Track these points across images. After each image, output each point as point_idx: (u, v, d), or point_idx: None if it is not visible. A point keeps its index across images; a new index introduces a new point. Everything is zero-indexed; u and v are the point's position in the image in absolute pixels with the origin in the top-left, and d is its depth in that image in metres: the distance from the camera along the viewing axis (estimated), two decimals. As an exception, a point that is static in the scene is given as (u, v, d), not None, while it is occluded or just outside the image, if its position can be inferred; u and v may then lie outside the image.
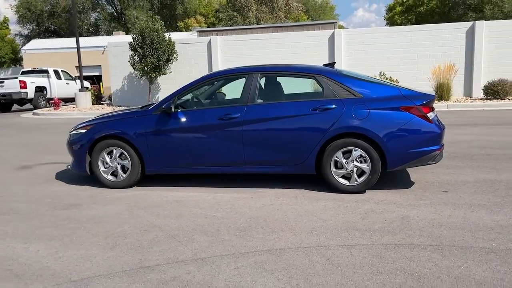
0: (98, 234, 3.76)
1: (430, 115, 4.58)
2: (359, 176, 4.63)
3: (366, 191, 4.71)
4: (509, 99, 14.35)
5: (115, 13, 50.60)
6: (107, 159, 5.15)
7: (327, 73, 4.83)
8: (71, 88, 21.96)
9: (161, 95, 18.11)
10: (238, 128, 4.79)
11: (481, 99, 15.02)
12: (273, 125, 4.73)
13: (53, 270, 3.09)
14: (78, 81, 22.69)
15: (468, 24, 15.97)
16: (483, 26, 15.62)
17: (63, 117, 16.07)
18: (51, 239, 3.68)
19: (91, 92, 19.16)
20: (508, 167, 5.57)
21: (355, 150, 4.58)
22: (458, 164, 5.82)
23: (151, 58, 16.08)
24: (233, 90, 7.24)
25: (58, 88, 21.12)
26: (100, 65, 32.27)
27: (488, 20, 18.95)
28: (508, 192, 4.53)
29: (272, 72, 5.13)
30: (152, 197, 4.83)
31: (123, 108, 16.87)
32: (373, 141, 4.53)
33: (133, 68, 16.75)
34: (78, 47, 18.24)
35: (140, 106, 5.66)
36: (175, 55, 16.90)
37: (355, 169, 4.60)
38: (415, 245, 3.30)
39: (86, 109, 17.42)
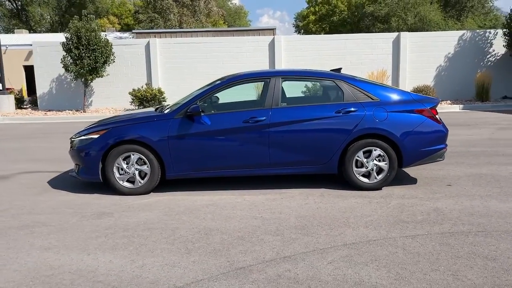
0: (159, 241, 3.66)
1: (437, 117, 5.10)
2: (377, 174, 5.00)
3: (382, 188, 5.10)
4: (432, 103, 15.99)
5: (15, 10, 46.47)
6: (123, 165, 4.95)
7: (346, 78, 5.15)
8: (-17, 90, 19.89)
9: (95, 99, 17.21)
10: (264, 131, 4.90)
11: (408, 103, 16.49)
12: (299, 127, 4.92)
13: (147, 278, 3.00)
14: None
15: (394, 34, 17.46)
16: (407, 37, 17.18)
17: (-13, 123, 14.57)
18: (114, 248, 3.51)
19: (14, 96, 17.57)
20: (481, 162, 6.33)
21: (375, 150, 4.94)
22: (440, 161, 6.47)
23: (88, 59, 15.24)
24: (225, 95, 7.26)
25: (-31, 91, 18.98)
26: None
27: (394, 31, 20.85)
28: (500, 184, 5.20)
29: (293, 76, 5.32)
30: (181, 201, 4.75)
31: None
32: (392, 141, 4.93)
33: (67, 70, 15.71)
34: (-2, 46, 16.65)
35: (154, 109, 5.50)
36: (112, 57, 16.20)
37: (374, 168, 4.97)
38: (466, 232, 3.72)
39: (11, 114, 15.96)
